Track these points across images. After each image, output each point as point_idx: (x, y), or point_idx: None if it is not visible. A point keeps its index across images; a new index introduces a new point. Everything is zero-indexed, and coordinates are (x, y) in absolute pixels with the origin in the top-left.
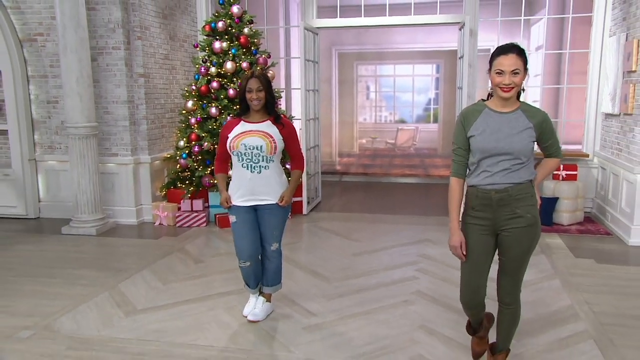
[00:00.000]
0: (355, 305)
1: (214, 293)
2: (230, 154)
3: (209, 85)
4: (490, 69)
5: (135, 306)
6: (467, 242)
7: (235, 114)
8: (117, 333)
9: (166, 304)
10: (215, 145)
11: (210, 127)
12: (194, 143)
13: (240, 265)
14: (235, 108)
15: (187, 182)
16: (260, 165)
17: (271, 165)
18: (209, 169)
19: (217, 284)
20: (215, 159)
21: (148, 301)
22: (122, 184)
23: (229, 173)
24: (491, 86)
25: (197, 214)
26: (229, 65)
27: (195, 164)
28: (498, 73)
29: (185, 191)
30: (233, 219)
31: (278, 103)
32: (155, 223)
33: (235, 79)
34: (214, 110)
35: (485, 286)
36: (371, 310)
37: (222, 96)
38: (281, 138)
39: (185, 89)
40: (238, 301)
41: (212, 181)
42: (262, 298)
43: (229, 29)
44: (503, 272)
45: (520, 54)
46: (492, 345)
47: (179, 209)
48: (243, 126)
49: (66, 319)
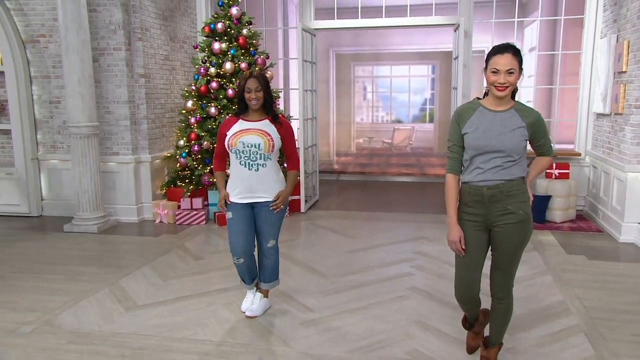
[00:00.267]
0: (351, 300)
1: (213, 289)
2: (229, 152)
3: (209, 85)
4: (486, 67)
5: (135, 302)
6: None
7: (234, 113)
8: (118, 328)
9: (166, 299)
10: (214, 145)
11: (209, 127)
12: (193, 142)
13: (235, 262)
14: (234, 108)
15: (187, 181)
16: (258, 163)
17: (269, 163)
18: (209, 168)
19: (216, 280)
20: (214, 157)
21: (148, 297)
22: (123, 183)
23: (227, 171)
24: (487, 85)
25: (197, 212)
26: (228, 65)
27: (195, 163)
28: (493, 72)
29: (185, 189)
30: (230, 216)
31: (276, 103)
32: (155, 221)
33: (234, 80)
34: (213, 110)
35: (479, 281)
36: (367, 306)
37: (222, 96)
38: (279, 137)
39: (185, 89)
40: (236, 297)
41: (212, 180)
42: (260, 294)
43: (228, 30)
44: (496, 268)
45: (516, 53)
46: (486, 339)
47: (179, 207)
48: (241, 124)
49: (67, 314)
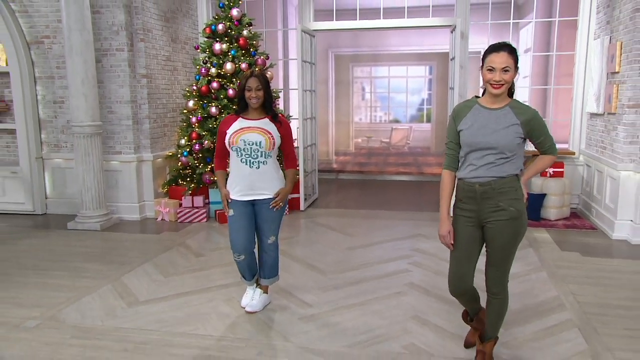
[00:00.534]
0: (350, 296)
1: (214, 285)
2: (229, 150)
3: (209, 85)
4: (482, 65)
5: (137, 298)
6: (455, 232)
7: (234, 111)
8: (120, 323)
9: (167, 295)
10: (215, 144)
11: (210, 126)
12: (194, 141)
13: (235, 259)
14: (234, 107)
15: (188, 179)
16: (258, 161)
17: (269, 161)
18: (209, 167)
19: (217, 276)
20: (214, 156)
21: (150, 293)
22: (126, 181)
23: (227, 170)
24: (483, 83)
25: (198, 210)
26: (229, 66)
27: (196, 162)
28: (489, 70)
29: (186, 188)
30: (230, 213)
31: (276, 103)
32: (157, 219)
33: (234, 80)
34: (214, 110)
35: (471, 275)
36: (365, 302)
37: (222, 96)
38: (279, 135)
39: (187, 89)
40: (237, 293)
41: (212, 178)
42: (260, 290)
43: (229, 31)
44: (489, 263)
45: (512, 52)
46: (481, 333)
47: (180, 205)
48: (242, 122)
49: (71, 309)
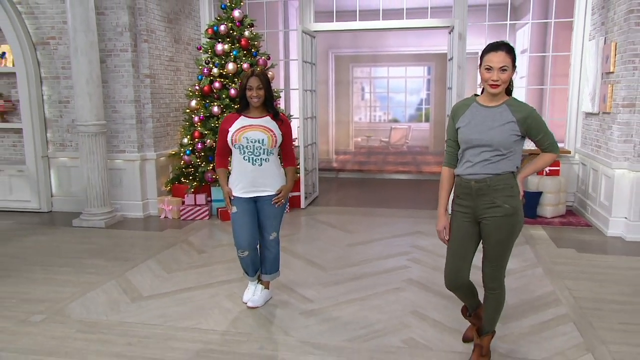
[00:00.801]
0: (349, 292)
1: (216, 281)
2: (232, 148)
3: (212, 85)
4: (480, 64)
5: (141, 293)
6: (452, 228)
7: (236, 110)
8: (124, 318)
9: (170, 291)
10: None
11: (212, 125)
12: (197, 140)
13: (239, 255)
14: (236, 107)
15: (191, 178)
16: (261, 158)
17: (271, 158)
18: (212, 165)
19: (219, 272)
20: (216, 154)
21: (153, 288)
22: (129, 179)
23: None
24: (481, 82)
25: (200, 208)
26: (231, 66)
27: (199, 160)
28: (487, 69)
29: (189, 186)
30: (234, 210)
31: (277, 102)
32: (160, 216)
33: (236, 80)
34: (216, 109)
35: (467, 270)
36: (365, 297)
37: (224, 95)
38: (280, 133)
39: (189, 89)
40: (238, 289)
41: (215, 176)
42: (261, 285)
43: (231, 32)
44: (486, 259)
45: (509, 51)
46: (479, 327)
47: (183, 202)
48: (244, 121)
49: (76, 304)
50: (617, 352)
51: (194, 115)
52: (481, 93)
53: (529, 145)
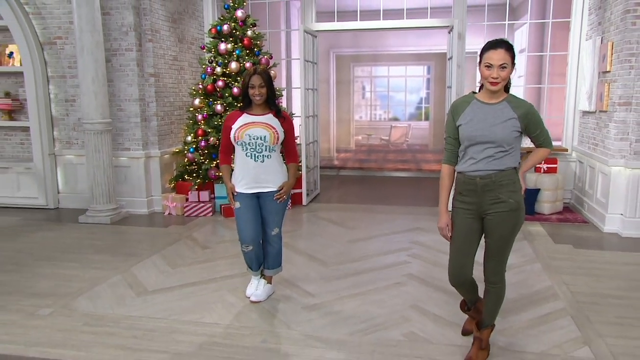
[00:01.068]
0: (351, 287)
1: (219, 276)
2: (234, 144)
3: (215, 84)
4: (480, 62)
5: (146, 288)
6: (454, 225)
7: (239, 108)
8: (130, 311)
9: (175, 285)
10: (220, 140)
11: (215, 123)
12: (200, 138)
13: (243, 250)
14: (238, 105)
15: (194, 175)
16: (263, 155)
17: (273, 155)
18: (215, 163)
19: (222, 268)
20: (220, 151)
21: (158, 283)
22: (134, 177)
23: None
24: (480, 79)
25: (204, 204)
26: (234, 65)
27: (202, 158)
28: (487, 67)
29: (192, 183)
30: (237, 205)
31: (279, 101)
32: (164, 213)
33: (239, 78)
34: (219, 108)
35: (470, 266)
36: (366, 292)
37: (227, 94)
38: (282, 130)
39: (193, 87)
40: (242, 283)
41: (218, 174)
42: (264, 280)
43: (234, 31)
44: (488, 254)
45: (509, 49)
46: (479, 321)
47: (187, 199)
48: (246, 118)
49: (83, 298)
50: (614, 345)
51: (197, 114)
52: (479, 90)
53: (526, 143)
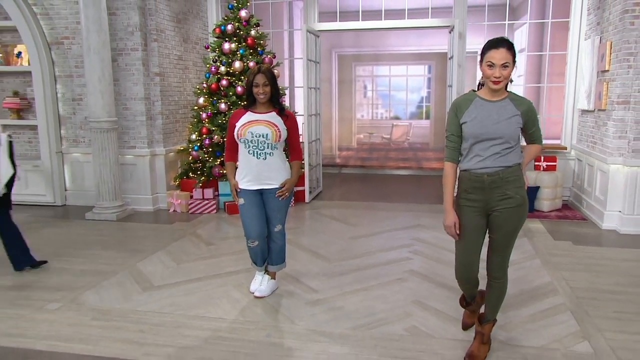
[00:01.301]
0: (353, 282)
1: (224, 272)
2: (237, 142)
3: (219, 83)
4: (481, 61)
5: (152, 283)
6: (461, 223)
7: (243, 106)
8: (136, 306)
9: (180, 281)
10: (224, 139)
11: (220, 122)
12: (204, 136)
13: (249, 245)
14: (242, 104)
15: (199, 173)
16: (265, 152)
17: (275, 153)
18: (219, 160)
19: (226, 264)
20: (225, 148)
21: (164, 279)
22: (140, 174)
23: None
24: (482, 77)
25: (208, 202)
26: (237, 64)
27: (206, 156)
28: (489, 66)
29: (197, 181)
30: (241, 202)
31: (283, 100)
32: (169, 210)
33: (243, 77)
34: (223, 106)
35: (477, 263)
36: (368, 287)
37: (231, 93)
38: (285, 128)
39: (197, 86)
40: (246, 279)
41: (222, 171)
42: (268, 276)
43: (237, 31)
44: (493, 250)
45: (510, 48)
46: (481, 315)
47: (191, 197)
48: (250, 116)
49: (90, 293)
50: (612, 340)
51: (201, 112)
52: (478, 89)
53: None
